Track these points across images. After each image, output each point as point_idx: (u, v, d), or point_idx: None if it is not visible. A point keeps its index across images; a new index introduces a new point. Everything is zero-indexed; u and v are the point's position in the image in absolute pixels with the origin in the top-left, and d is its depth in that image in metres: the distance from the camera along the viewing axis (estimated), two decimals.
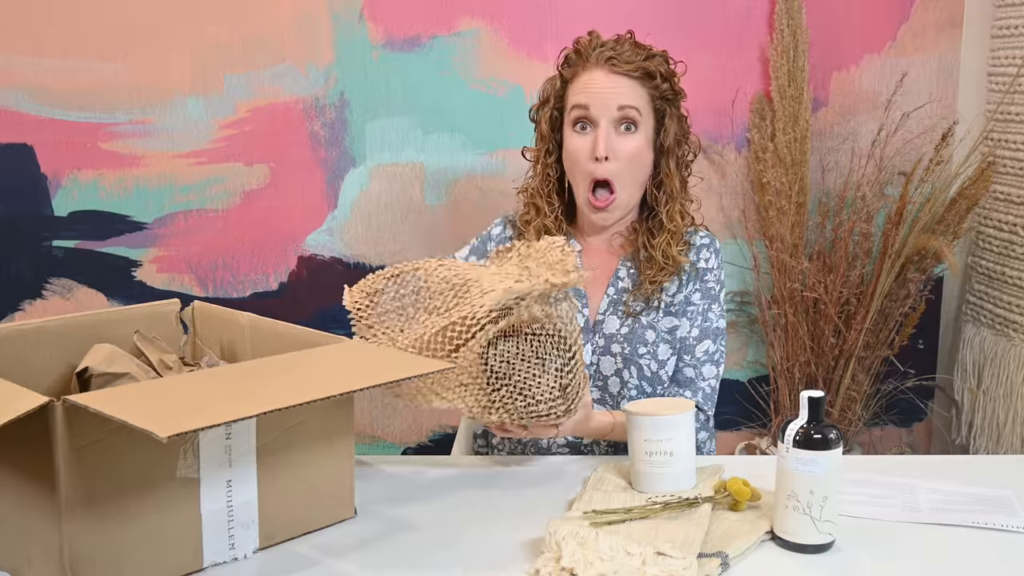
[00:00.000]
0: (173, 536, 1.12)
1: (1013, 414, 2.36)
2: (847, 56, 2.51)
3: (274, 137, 2.41)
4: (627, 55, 1.61)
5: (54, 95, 2.34)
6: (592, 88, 1.61)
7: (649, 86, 1.63)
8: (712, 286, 1.69)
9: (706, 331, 1.67)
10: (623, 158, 1.61)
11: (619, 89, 1.61)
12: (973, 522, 1.29)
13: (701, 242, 1.70)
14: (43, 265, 2.41)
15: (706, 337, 1.67)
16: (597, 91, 1.61)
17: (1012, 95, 2.36)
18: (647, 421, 1.35)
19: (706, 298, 1.68)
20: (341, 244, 2.46)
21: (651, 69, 1.62)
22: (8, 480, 1.10)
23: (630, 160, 1.62)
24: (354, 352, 1.28)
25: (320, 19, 2.37)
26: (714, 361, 1.67)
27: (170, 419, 0.95)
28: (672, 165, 1.67)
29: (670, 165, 1.66)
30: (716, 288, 1.69)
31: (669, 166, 1.66)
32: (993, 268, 2.45)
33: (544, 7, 2.40)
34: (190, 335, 1.55)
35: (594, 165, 1.61)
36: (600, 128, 1.60)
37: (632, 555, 1.12)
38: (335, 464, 1.27)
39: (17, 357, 1.35)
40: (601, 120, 1.60)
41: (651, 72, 1.62)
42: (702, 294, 1.68)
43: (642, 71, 1.61)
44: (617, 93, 1.61)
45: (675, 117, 1.66)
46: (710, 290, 1.69)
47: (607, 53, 1.61)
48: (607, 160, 1.60)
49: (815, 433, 1.18)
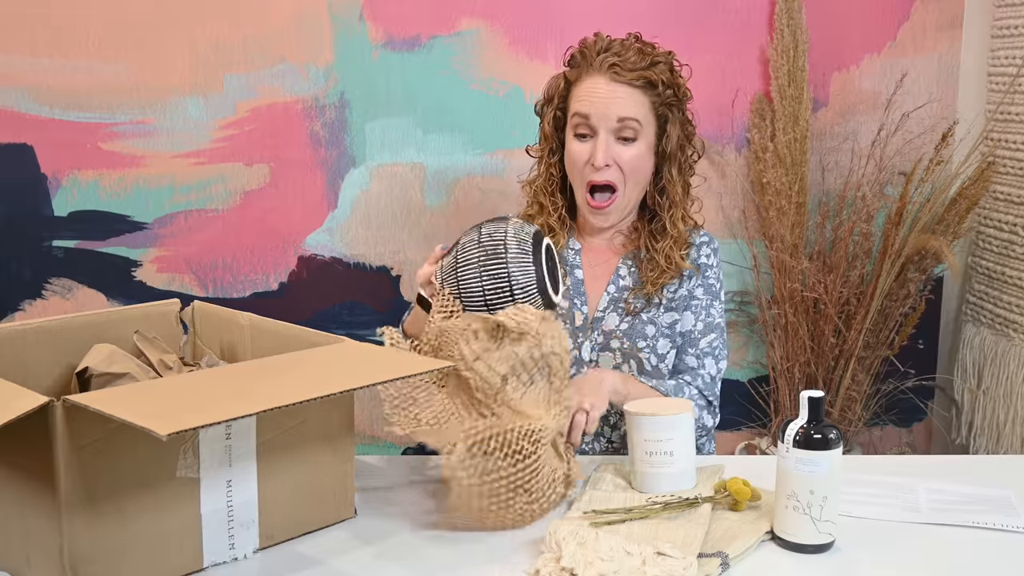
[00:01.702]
0: (173, 536, 1.12)
1: (1013, 414, 2.36)
2: (847, 56, 2.51)
3: (274, 137, 2.41)
4: (630, 62, 1.60)
5: (54, 95, 2.34)
6: (593, 96, 1.62)
7: (651, 94, 1.63)
8: (713, 283, 1.71)
9: (710, 325, 1.69)
10: (623, 165, 1.63)
11: (620, 99, 1.61)
12: (973, 522, 1.29)
13: (701, 240, 1.72)
14: (43, 265, 2.41)
15: (710, 331, 1.69)
16: (598, 100, 1.61)
17: (1012, 95, 2.36)
18: (647, 421, 1.35)
19: (708, 294, 1.70)
20: (341, 244, 2.46)
21: (653, 78, 1.61)
22: (8, 480, 1.10)
23: (630, 167, 1.63)
24: (354, 352, 1.28)
25: (320, 19, 2.37)
26: (715, 356, 1.68)
27: (170, 418, 0.95)
28: (674, 171, 1.67)
29: (672, 171, 1.67)
30: (717, 285, 1.71)
31: (671, 172, 1.67)
32: (993, 268, 2.45)
33: (544, 7, 2.40)
34: (190, 335, 1.55)
35: (593, 171, 1.62)
36: (599, 137, 1.61)
37: (632, 555, 1.12)
38: (335, 464, 1.27)
39: (17, 357, 1.35)
40: (600, 129, 1.61)
41: (653, 81, 1.61)
42: (704, 289, 1.69)
43: (644, 80, 1.61)
44: (618, 103, 1.61)
45: (678, 122, 1.66)
46: (712, 286, 1.70)
47: (610, 59, 1.61)
48: (607, 167, 1.62)
49: (815, 433, 1.18)
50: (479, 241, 1.44)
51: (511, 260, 1.41)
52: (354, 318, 2.49)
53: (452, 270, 1.45)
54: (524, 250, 1.42)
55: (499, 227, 1.46)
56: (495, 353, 1.32)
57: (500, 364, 1.31)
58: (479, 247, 1.43)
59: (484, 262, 1.42)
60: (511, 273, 1.41)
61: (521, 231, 1.45)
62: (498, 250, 1.42)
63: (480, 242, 1.44)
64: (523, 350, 1.33)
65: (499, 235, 1.44)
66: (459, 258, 1.44)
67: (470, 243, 1.45)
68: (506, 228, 1.45)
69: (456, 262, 1.45)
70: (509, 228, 1.45)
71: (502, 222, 1.47)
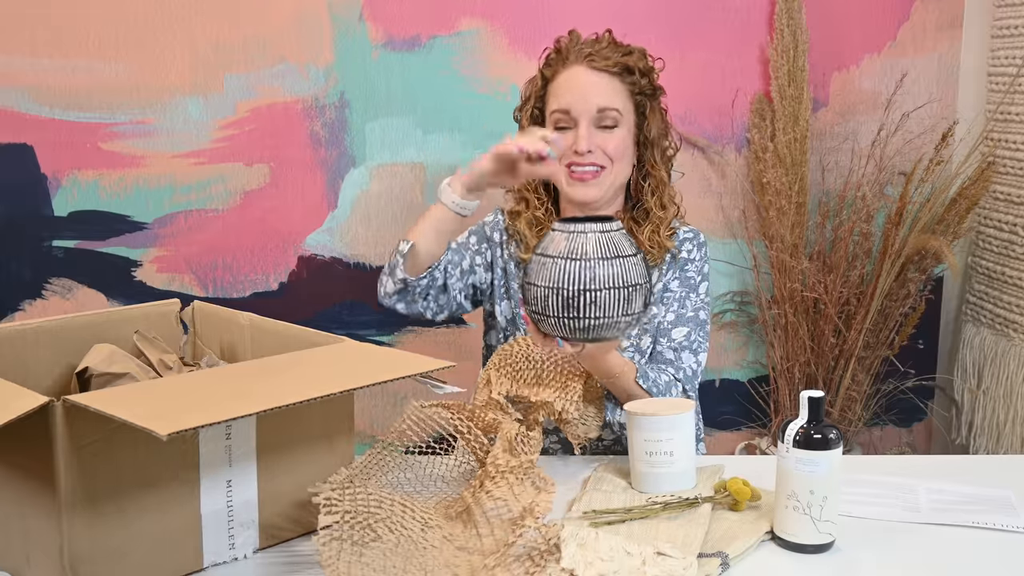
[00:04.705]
0: (173, 536, 1.12)
1: (1013, 414, 2.36)
2: (847, 56, 2.51)
3: (274, 137, 2.41)
4: (605, 52, 1.63)
5: (54, 95, 2.34)
6: (572, 87, 1.63)
7: (628, 81, 1.64)
8: (692, 276, 1.68)
9: (682, 318, 1.65)
10: (608, 152, 1.63)
11: (599, 87, 1.62)
12: (973, 522, 1.29)
13: (685, 235, 1.71)
14: (43, 265, 2.41)
15: (683, 324, 1.65)
16: (577, 90, 1.62)
17: (1012, 95, 2.36)
18: (647, 421, 1.35)
19: (684, 286, 1.67)
20: (341, 244, 2.46)
21: (630, 64, 1.63)
22: (8, 480, 1.10)
23: (616, 153, 1.63)
24: (354, 352, 1.28)
25: (320, 19, 2.37)
26: (693, 350, 1.64)
27: (170, 418, 0.95)
28: (657, 156, 1.68)
29: (655, 156, 1.68)
30: (696, 279, 1.68)
31: (654, 157, 1.68)
32: (993, 268, 2.45)
33: (544, 7, 2.40)
34: (190, 335, 1.55)
35: (576, 158, 1.61)
36: (581, 127, 1.61)
37: (632, 555, 1.12)
38: (335, 464, 1.27)
39: (17, 357, 1.35)
40: (582, 119, 1.62)
41: (630, 67, 1.63)
42: (680, 282, 1.68)
43: (621, 66, 1.63)
44: (596, 92, 1.62)
45: (656, 111, 1.68)
46: (689, 279, 1.68)
47: (586, 50, 1.63)
48: (590, 154, 1.61)
49: (815, 433, 1.18)
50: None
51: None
52: (354, 318, 2.49)
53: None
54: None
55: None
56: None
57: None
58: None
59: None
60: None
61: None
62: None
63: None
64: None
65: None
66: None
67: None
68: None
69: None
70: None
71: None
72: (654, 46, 1.71)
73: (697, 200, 2.51)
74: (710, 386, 2.59)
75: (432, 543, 1.15)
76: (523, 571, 1.07)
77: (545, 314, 1.33)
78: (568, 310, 1.31)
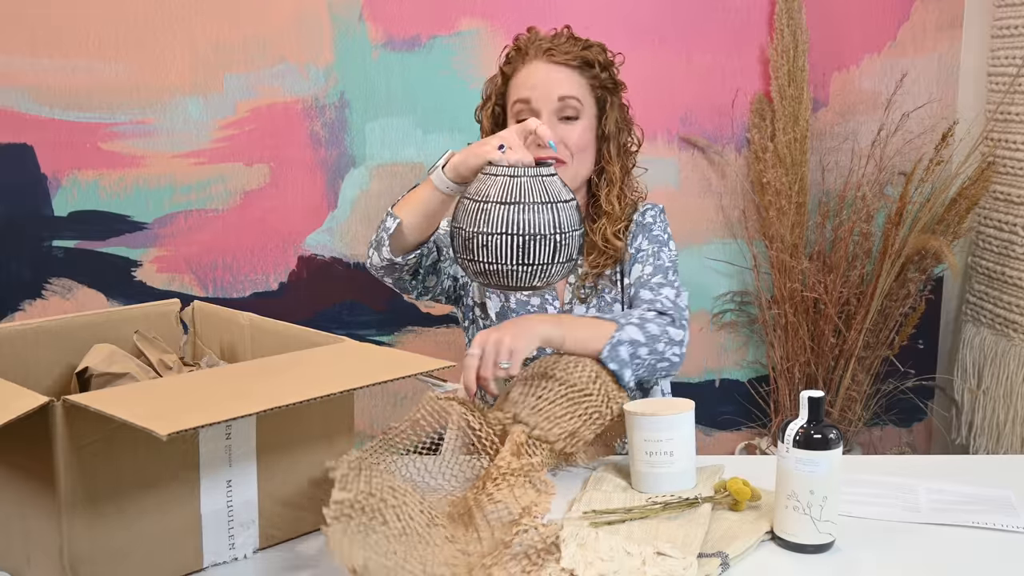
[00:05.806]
0: (173, 536, 1.12)
1: (1013, 414, 2.36)
2: (847, 56, 2.51)
3: (274, 137, 2.41)
4: (565, 46, 1.65)
5: (54, 95, 2.34)
6: (533, 80, 1.64)
7: (588, 75, 1.66)
8: (659, 233, 1.70)
9: (660, 267, 1.67)
10: (570, 145, 1.63)
11: (559, 79, 1.64)
12: (973, 522, 1.29)
13: (644, 207, 1.73)
14: (43, 265, 2.41)
15: (660, 272, 1.66)
16: (538, 82, 1.64)
17: (1012, 95, 2.36)
18: (647, 421, 1.35)
19: (654, 243, 1.69)
20: (341, 244, 2.46)
21: (589, 58, 1.65)
22: (8, 480, 1.10)
23: (577, 145, 1.64)
24: (354, 352, 1.28)
25: (320, 19, 2.37)
26: (672, 286, 1.64)
27: (170, 418, 0.95)
28: (612, 151, 1.69)
29: (611, 151, 1.69)
30: (664, 236, 1.70)
31: (610, 152, 1.69)
32: (993, 268, 2.45)
33: (544, 7, 2.39)
34: (190, 335, 1.55)
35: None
36: (543, 117, 1.62)
37: (632, 555, 1.12)
38: None
39: (17, 357, 1.35)
40: (543, 111, 1.63)
41: (589, 61, 1.65)
42: (649, 240, 1.69)
43: (580, 60, 1.64)
44: (557, 83, 1.63)
45: (616, 106, 1.69)
46: (657, 236, 1.70)
47: (545, 45, 1.65)
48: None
49: (815, 433, 1.18)
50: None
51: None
52: (354, 318, 2.49)
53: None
54: None
55: None
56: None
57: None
58: None
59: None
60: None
61: None
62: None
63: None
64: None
65: None
66: None
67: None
68: None
69: None
70: None
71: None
72: (656, 47, 1.71)
73: (697, 200, 2.51)
74: (710, 386, 2.59)
75: (435, 541, 1.15)
76: (520, 569, 1.08)
77: (469, 259, 1.35)
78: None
